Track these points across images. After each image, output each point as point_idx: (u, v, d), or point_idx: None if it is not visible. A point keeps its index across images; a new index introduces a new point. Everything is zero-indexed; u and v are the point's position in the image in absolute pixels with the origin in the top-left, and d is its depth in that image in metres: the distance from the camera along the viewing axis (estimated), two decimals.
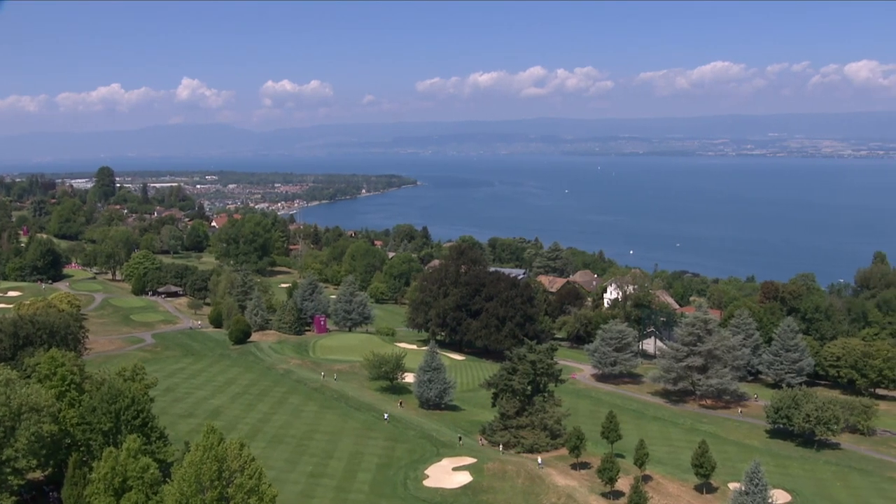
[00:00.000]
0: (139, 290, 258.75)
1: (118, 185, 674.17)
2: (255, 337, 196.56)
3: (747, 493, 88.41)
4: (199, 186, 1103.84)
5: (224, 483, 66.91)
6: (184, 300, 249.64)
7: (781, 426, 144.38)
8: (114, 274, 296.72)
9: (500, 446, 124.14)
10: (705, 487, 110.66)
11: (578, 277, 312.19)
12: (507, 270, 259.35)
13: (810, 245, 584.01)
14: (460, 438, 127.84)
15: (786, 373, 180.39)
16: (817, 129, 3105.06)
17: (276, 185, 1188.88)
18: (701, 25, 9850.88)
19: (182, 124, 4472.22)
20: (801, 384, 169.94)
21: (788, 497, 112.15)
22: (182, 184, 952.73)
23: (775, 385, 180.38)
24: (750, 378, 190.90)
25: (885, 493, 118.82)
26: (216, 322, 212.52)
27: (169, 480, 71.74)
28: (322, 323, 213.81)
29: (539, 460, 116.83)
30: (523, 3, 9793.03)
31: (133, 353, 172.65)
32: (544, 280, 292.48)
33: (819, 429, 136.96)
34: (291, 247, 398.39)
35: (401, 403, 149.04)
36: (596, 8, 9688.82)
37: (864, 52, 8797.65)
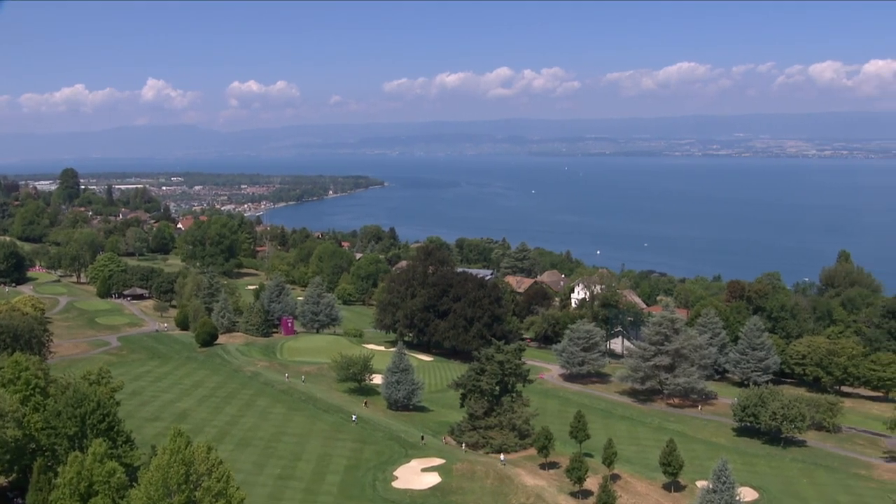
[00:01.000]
0: (104, 293, 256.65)
1: (83, 186, 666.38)
2: (221, 339, 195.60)
3: (715, 491, 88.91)
4: (164, 188, 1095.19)
5: (191, 487, 66.50)
6: (150, 303, 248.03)
7: (748, 424, 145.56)
8: (78, 277, 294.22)
9: (464, 445, 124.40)
10: (673, 486, 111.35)
11: (546, 277, 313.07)
12: (474, 271, 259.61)
13: (776, 244, 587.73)
14: (422, 438, 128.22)
15: (752, 371, 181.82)
16: (782, 130, 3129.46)
17: (243, 186, 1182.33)
18: (667, 26, 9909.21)
19: (147, 125, 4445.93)
20: (767, 382, 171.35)
21: (756, 494, 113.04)
22: (147, 185, 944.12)
23: (742, 383, 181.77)
24: (717, 377, 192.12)
25: (851, 490, 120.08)
26: (182, 324, 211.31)
27: (136, 485, 71.13)
28: (289, 325, 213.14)
29: (502, 457, 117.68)
30: (490, 3, 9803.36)
31: (98, 357, 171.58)
32: (512, 280, 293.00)
33: (785, 426, 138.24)
34: (258, 248, 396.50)
35: (365, 403, 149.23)
36: (563, 8, 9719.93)
37: (828, 53, 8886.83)
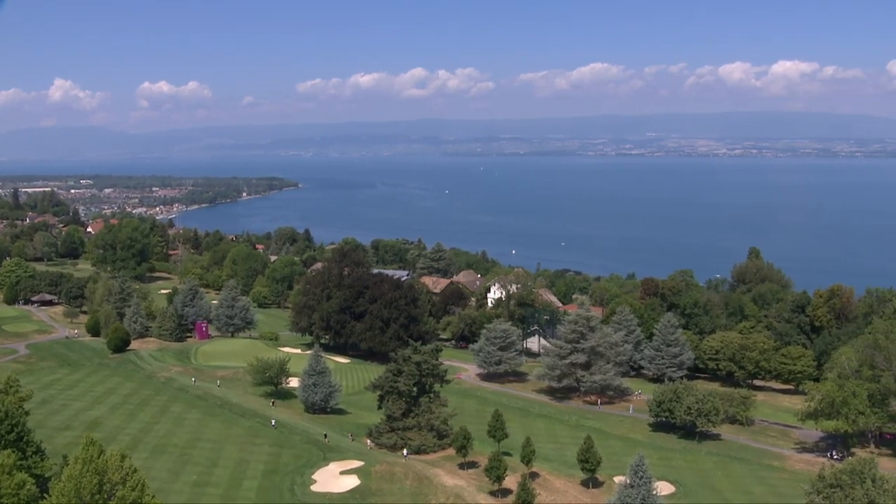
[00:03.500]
0: (11, 300, 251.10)
1: None
2: (134, 345, 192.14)
3: (632, 486, 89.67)
4: (73, 191, 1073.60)
5: (105, 496, 65.11)
6: (59, 309, 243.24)
7: (664, 419, 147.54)
8: None
9: (369, 442, 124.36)
10: (591, 482, 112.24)
11: (462, 278, 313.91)
12: (390, 272, 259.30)
13: (688, 242, 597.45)
14: (325, 436, 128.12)
15: (667, 367, 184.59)
16: (693, 129, 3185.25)
17: (154, 188, 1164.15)
18: (580, 27, 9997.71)
19: (55, 127, 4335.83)
20: (681, 378, 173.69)
21: (672, 488, 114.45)
22: (55, 188, 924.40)
23: (657, 379, 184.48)
24: (632, 373, 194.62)
25: (765, 481, 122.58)
26: (94, 331, 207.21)
27: (47, 496, 69.39)
28: (204, 329, 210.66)
29: (405, 453, 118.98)
30: (403, 2, 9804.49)
31: (5, 365, 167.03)
32: (428, 281, 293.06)
33: (700, 421, 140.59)
34: (171, 252, 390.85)
35: (273, 403, 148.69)
36: (476, 8, 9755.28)
37: (737, 54, 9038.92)
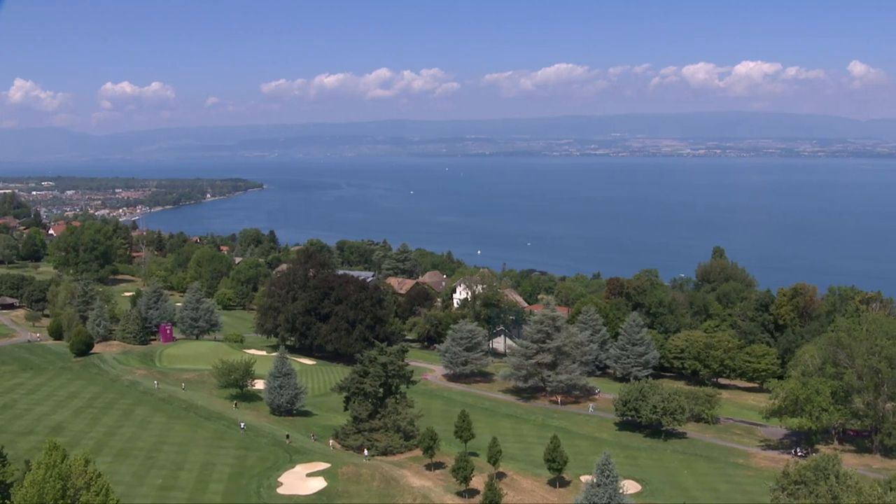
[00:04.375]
0: None
1: None
2: (98, 348, 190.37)
3: (599, 485, 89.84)
4: (34, 193, 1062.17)
5: (69, 502, 64.46)
6: (21, 312, 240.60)
7: (630, 418, 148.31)
8: None
9: (331, 442, 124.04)
10: (558, 481, 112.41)
11: (428, 278, 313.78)
12: (355, 273, 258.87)
13: (653, 242, 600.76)
14: (287, 437, 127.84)
15: (632, 366, 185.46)
16: (658, 129, 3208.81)
17: (118, 190, 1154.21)
18: (545, 28, 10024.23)
19: (15, 128, 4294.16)
20: (647, 377, 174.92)
21: (639, 487, 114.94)
22: (16, 190, 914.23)
23: (623, 378, 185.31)
24: (598, 373, 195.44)
25: (730, 478, 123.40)
26: (56, 334, 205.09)
27: (9, 502, 68.75)
28: (168, 331, 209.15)
29: (365, 453, 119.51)
30: (368, 3, 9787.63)
31: None
32: (394, 282, 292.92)
33: (666, 419, 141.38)
34: (134, 254, 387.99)
35: (235, 405, 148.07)
36: (442, 8, 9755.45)
37: (701, 55, 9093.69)
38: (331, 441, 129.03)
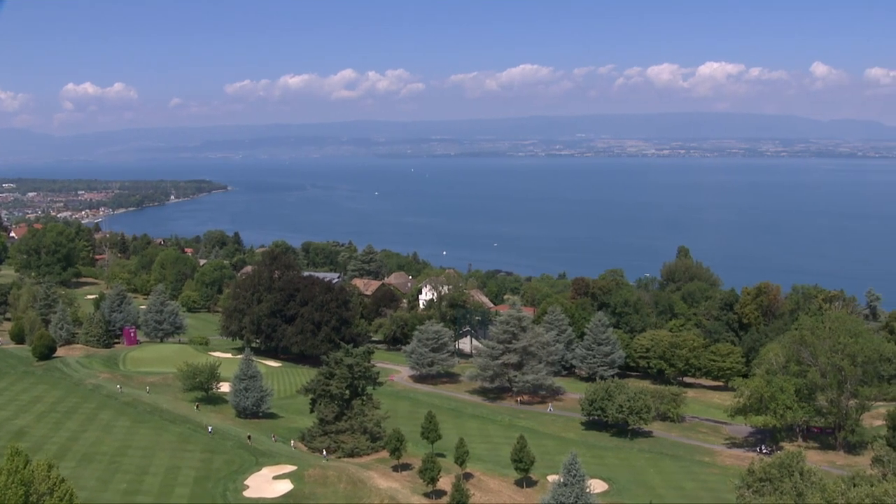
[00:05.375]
0: None
1: None
2: (61, 352, 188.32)
3: (566, 485, 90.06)
4: None
5: None
6: None
7: (596, 418, 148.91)
8: None
9: (293, 442, 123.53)
10: (525, 481, 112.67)
11: (393, 279, 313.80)
12: (321, 275, 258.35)
13: (618, 242, 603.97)
14: (249, 437, 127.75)
15: (598, 366, 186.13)
16: (622, 130, 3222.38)
17: (80, 192, 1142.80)
18: (509, 29, 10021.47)
19: None
20: (613, 376, 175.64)
21: (605, 486, 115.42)
22: None
23: (589, 378, 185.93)
24: (564, 373, 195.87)
25: (696, 476, 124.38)
26: (18, 338, 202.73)
27: None
28: (132, 334, 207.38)
29: (324, 454, 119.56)
30: (331, 2, 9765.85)
31: None
32: (359, 283, 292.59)
33: (632, 418, 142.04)
34: (97, 257, 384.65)
35: (197, 406, 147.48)
36: (406, 9, 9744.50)
37: (664, 55, 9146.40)
38: (292, 442, 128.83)
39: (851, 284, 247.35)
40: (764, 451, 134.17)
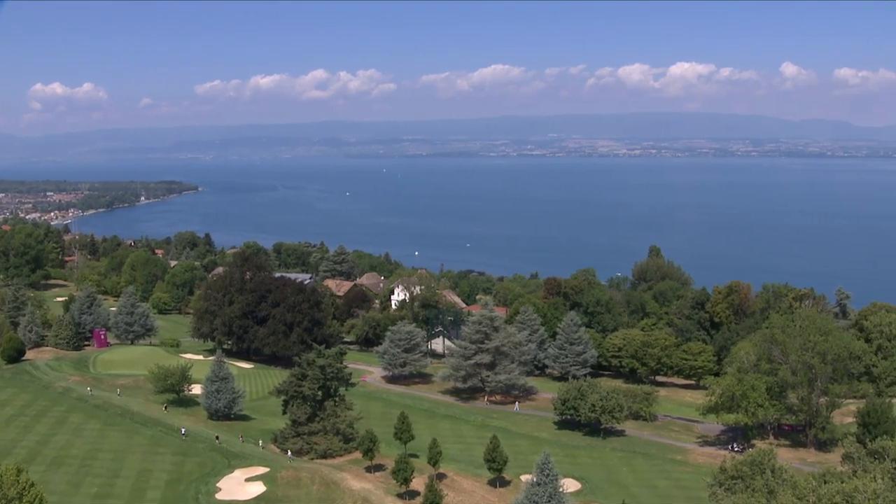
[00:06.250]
0: None
1: None
2: (30, 355, 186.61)
3: (539, 484, 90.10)
4: None
5: None
6: None
7: (569, 417, 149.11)
8: None
9: (289, 452, 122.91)
10: (498, 481, 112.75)
11: (365, 280, 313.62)
12: (293, 275, 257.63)
13: (590, 241, 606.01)
14: (217, 437, 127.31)
15: (571, 365, 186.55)
16: (594, 130, 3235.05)
17: (49, 193, 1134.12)
18: (481, 29, 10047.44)
19: None
20: (585, 376, 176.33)
21: (579, 485, 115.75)
22: None
23: (561, 378, 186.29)
24: (537, 372, 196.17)
25: (669, 475, 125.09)
26: None
27: None
28: (102, 337, 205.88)
29: (289, 454, 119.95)
30: (302, 3, 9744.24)
31: None
32: (331, 284, 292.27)
33: (604, 417, 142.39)
34: (67, 258, 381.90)
35: (165, 407, 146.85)
36: (377, 9, 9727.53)
37: (636, 56, 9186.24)
38: (260, 442, 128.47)
39: (821, 283, 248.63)
40: (736, 449, 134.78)
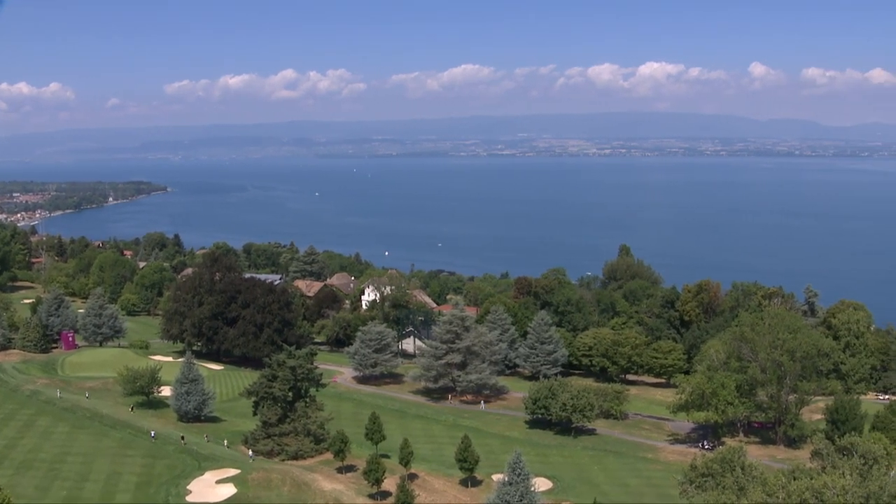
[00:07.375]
0: None
1: None
2: None
3: (510, 484, 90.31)
4: None
5: None
6: None
7: (540, 416, 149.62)
8: None
9: (224, 442, 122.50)
10: (470, 481, 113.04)
11: (336, 280, 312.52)
12: (263, 276, 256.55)
13: (560, 241, 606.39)
14: (182, 438, 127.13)
15: (542, 364, 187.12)
16: (564, 129, 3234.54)
17: (15, 194, 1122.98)
18: (450, 29, 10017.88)
19: None
20: (556, 375, 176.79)
21: (550, 484, 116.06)
22: None
23: (532, 377, 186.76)
24: (508, 372, 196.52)
25: (639, 473, 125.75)
26: None
27: None
28: (70, 339, 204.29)
29: (250, 454, 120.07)
30: (272, 2, 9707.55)
31: None
32: (301, 284, 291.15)
33: (575, 416, 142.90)
34: (34, 260, 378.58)
35: (132, 409, 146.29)
36: (346, 8, 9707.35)
37: (605, 55, 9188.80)
38: (225, 442, 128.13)
39: (790, 281, 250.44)
40: (706, 447, 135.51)
